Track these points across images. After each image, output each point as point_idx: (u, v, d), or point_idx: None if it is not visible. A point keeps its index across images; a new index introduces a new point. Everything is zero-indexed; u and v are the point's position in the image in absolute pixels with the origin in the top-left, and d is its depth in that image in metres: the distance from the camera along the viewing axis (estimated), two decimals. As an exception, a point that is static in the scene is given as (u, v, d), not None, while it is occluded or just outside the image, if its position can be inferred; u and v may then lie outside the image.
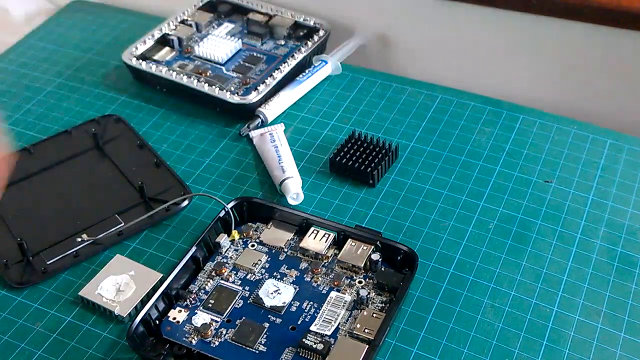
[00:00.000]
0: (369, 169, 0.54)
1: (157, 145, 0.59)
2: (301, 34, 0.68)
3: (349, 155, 0.55)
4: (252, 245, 0.49)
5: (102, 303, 0.46)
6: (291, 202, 0.53)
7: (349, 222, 0.51)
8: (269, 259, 0.48)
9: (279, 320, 0.44)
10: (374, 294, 0.46)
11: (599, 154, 0.57)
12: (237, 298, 0.46)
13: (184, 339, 0.43)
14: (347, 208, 0.53)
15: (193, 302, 0.46)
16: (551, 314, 0.45)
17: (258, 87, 0.61)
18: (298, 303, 0.45)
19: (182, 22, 0.69)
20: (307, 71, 0.64)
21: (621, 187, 0.54)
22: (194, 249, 0.47)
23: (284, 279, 0.47)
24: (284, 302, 0.45)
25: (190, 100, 0.63)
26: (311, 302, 0.45)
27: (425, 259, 0.49)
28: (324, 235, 0.48)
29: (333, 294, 0.46)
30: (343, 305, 0.45)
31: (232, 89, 0.62)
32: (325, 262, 0.48)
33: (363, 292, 0.45)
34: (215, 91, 0.61)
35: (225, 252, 0.49)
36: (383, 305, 0.45)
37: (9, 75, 0.68)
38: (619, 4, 0.66)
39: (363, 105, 0.62)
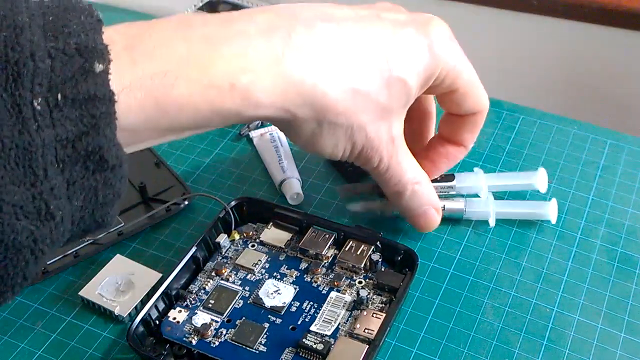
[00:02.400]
0: (369, 169, 0.54)
1: (157, 145, 0.59)
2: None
3: (349, 155, 0.55)
4: (252, 246, 0.49)
5: (102, 303, 0.46)
6: (291, 202, 0.53)
7: (349, 223, 0.51)
8: (269, 259, 0.48)
9: (279, 321, 0.44)
10: (373, 294, 0.46)
11: (599, 154, 0.57)
12: (237, 298, 0.46)
13: (184, 339, 0.43)
14: (351, 210, 0.53)
15: (193, 302, 0.46)
16: (551, 314, 0.45)
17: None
18: (298, 303, 0.45)
19: (182, 22, 0.70)
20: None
21: (621, 187, 0.54)
22: (194, 249, 0.47)
23: (284, 279, 0.47)
24: (284, 302, 0.45)
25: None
26: (311, 302, 0.45)
27: (425, 259, 0.49)
28: (324, 236, 0.48)
29: (333, 294, 0.46)
30: (343, 306, 0.45)
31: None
32: (325, 263, 0.48)
33: (363, 293, 0.45)
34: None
35: (225, 252, 0.49)
36: (383, 305, 0.45)
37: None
38: (619, 4, 0.67)
39: (363, 105, 0.62)
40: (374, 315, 0.44)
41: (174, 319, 0.45)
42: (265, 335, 0.43)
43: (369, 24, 0.41)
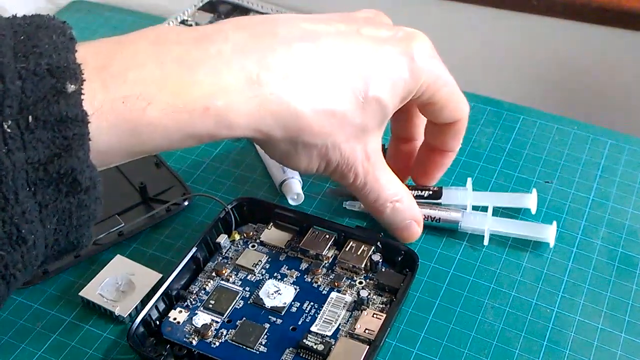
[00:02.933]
0: (369, 169, 0.54)
1: (157, 146, 0.59)
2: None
3: (349, 155, 0.55)
4: (253, 246, 0.49)
5: (103, 303, 0.46)
6: (292, 202, 0.53)
7: (350, 223, 0.51)
8: (269, 260, 0.48)
9: (279, 321, 0.44)
10: (374, 294, 0.46)
11: (599, 155, 0.57)
12: (237, 298, 0.46)
13: (184, 339, 0.43)
14: (347, 208, 0.53)
15: (193, 302, 0.46)
16: (551, 314, 0.45)
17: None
18: (298, 304, 0.45)
19: (182, 22, 0.70)
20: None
21: (621, 187, 0.54)
22: (194, 249, 0.47)
23: (285, 279, 0.47)
24: (285, 303, 0.45)
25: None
26: (311, 303, 0.45)
27: (426, 259, 0.49)
28: (324, 236, 0.48)
29: (333, 294, 0.46)
30: (343, 306, 0.45)
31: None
32: (325, 263, 0.48)
33: (363, 293, 0.45)
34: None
35: (225, 252, 0.49)
36: (383, 305, 0.45)
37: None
38: (619, 3, 0.66)
39: (363, 105, 0.62)
40: (375, 315, 0.44)
41: (175, 319, 0.45)
42: (265, 336, 0.43)
43: (348, 41, 0.41)
